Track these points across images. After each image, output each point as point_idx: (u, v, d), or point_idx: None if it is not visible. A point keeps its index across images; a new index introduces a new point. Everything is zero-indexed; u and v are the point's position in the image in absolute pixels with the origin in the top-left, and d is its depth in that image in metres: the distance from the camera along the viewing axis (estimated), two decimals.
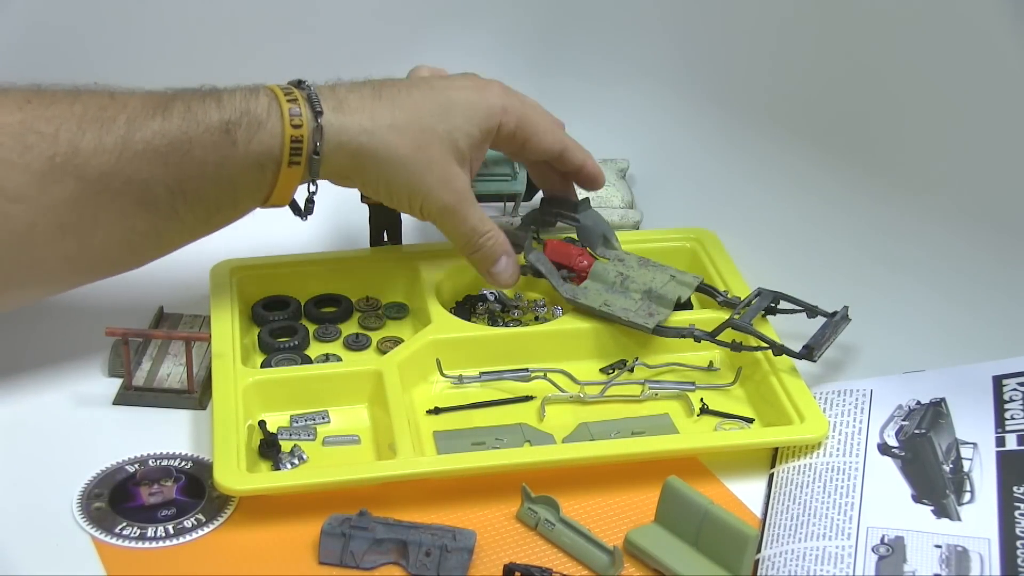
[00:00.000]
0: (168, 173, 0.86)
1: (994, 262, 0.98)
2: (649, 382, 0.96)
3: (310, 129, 0.88)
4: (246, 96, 0.88)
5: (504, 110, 0.94)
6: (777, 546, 0.82)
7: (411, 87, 0.93)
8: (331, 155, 0.89)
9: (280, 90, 0.89)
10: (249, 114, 0.87)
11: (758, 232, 1.11)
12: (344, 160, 0.90)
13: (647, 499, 0.85)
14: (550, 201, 1.06)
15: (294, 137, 0.87)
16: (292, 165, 0.88)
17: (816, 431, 0.89)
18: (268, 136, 0.87)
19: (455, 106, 0.92)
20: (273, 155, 0.88)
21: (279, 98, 0.88)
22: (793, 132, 1.13)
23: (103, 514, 0.84)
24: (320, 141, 0.88)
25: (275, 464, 0.88)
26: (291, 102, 0.88)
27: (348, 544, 0.80)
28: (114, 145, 0.84)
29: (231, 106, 0.87)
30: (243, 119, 0.87)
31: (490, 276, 0.98)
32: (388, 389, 0.91)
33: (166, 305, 1.02)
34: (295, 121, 0.87)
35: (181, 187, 0.87)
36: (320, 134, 0.88)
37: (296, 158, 0.88)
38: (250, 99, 0.88)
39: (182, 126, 0.86)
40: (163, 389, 0.94)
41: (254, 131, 0.87)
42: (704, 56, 1.21)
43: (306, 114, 0.88)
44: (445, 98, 0.92)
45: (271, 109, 0.88)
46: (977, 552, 0.78)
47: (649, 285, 1.00)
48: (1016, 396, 0.88)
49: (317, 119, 0.88)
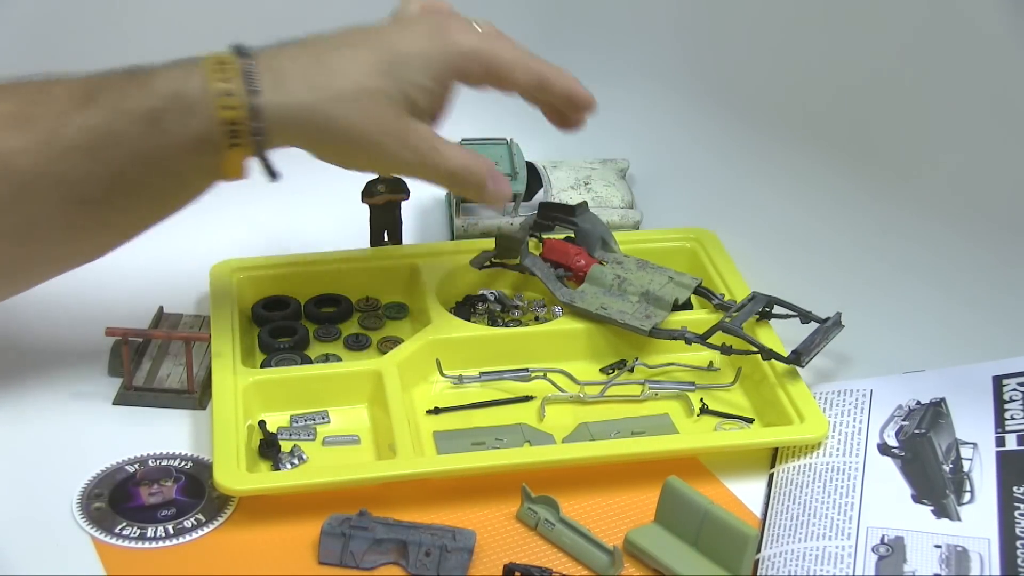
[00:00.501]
0: (100, 168, 0.81)
1: (994, 262, 0.98)
2: (649, 382, 0.96)
3: (247, 110, 0.82)
4: (177, 77, 0.82)
5: (463, 55, 0.87)
6: (777, 546, 0.82)
7: (356, 46, 0.86)
8: (275, 132, 0.83)
9: (213, 66, 0.83)
10: (179, 98, 0.81)
11: (758, 232, 1.11)
12: (291, 136, 0.85)
13: (647, 499, 0.85)
14: (548, 205, 1.06)
15: (229, 120, 0.82)
16: (233, 147, 0.83)
17: (816, 431, 0.89)
18: (201, 121, 0.81)
19: (406, 60, 0.85)
20: (211, 139, 0.82)
21: (209, 79, 0.82)
22: (793, 131, 1.13)
23: (103, 514, 0.84)
24: (259, 121, 0.82)
25: (275, 464, 0.88)
26: (223, 81, 0.82)
27: (348, 544, 0.80)
28: (39, 144, 0.80)
29: (160, 91, 0.81)
30: (173, 104, 0.81)
31: (484, 200, 0.92)
32: (388, 389, 0.91)
33: (166, 305, 1.02)
34: (228, 103, 0.81)
35: (117, 180, 0.82)
36: (258, 114, 0.82)
37: (236, 140, 0.82)
38: (180, 80, 0.81)
39: (107, 118, 0.80)
40: (163, 389, 0.94)
41: (186, 116, 0.81)
42: (704, 56, 1.21)
43: (240, 93, 0.82)
44: (394, 53, 0.85)
45: (203, 90, 0.81)
46: (977, 552, 0.78)
47: (647, 287, 1.00)
48: (1016, 396, 0.88)
49: (253, 98, 0.82)
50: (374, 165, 0.91)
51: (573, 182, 1.16)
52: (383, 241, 1.09)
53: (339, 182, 1.08)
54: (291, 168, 0.92)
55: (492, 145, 1.15)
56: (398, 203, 1.07)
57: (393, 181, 1.07)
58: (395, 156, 0.86)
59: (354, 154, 0.87)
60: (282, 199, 0.88)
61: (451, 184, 0.91)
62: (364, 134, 0.85)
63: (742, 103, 1.18)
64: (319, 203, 1.11)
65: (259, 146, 0.83)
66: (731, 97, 1.19)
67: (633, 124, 1.25)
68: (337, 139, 0.85)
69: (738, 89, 1.18)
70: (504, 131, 1.18)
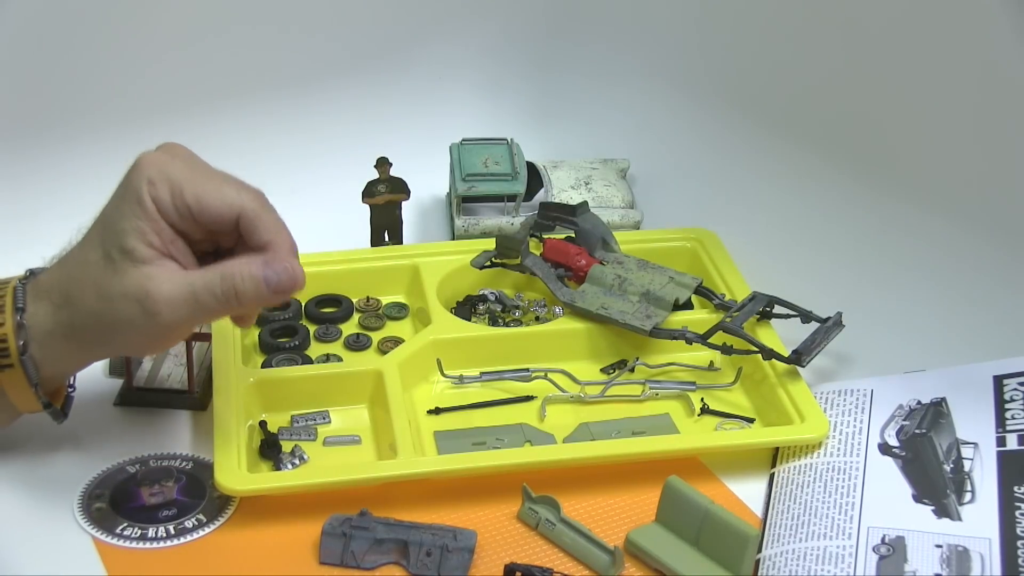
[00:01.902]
0: None
1: (995, 262, 0.98)
2: (649, 382, 0.96)
3: (12, 327, 0.79)
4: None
5: (150, 182, 0.78)
6: (778, 546, 0.82)
7: (85, 230, 0.81)
8: (42, 349, 0.80)
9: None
10: None
11: (758, 232, 1.11)
12: (61, 348, 0.81)
13: (647, 499, 0.85)
14: (548, 205, 1.06)
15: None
16: (4, 368, 0.80)
17: (817, 431, 0.89)
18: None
19: (109, 215, 0.79)
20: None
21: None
22: (794, 132, 1.13)
23: (104, 514, 0.84)
24: (24, 339, 0.79)
25: (276, 464, 0.88)
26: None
27: (349, 544, 0.80)
28: None
29: None
30: None
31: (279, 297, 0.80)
32: (389, 389, 0.91)
33: None
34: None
35: None
36: (22, 330, 0.79)
37: (5, 359, 0.79)
38: None
39: None
40: (164, 389, 0.94)
41: None
42: (705, 56, 1.21)
43: (8, 311, 0.79)
44: (103, 216, 0.80)
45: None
46: (978, 552, 0.78)
47: (647, 287, 1.00)
48: (1017, 396, 0.88)
49: (18, 316, 0.79)
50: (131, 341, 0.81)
51: (573, 182, 1.16)
52: (384, 241, 1.09)
53: (340, 182, 1.08)
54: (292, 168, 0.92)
55: (492, 145, 1.15)
56: (399, 203, 1.07)
57: (394, 181, 1.07)
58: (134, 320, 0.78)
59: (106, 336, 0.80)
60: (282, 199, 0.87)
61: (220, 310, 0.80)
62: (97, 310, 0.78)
63: (742, 103, 1.18)
64: (319, 203, 1.11)
65: (32, 366, 0.80)
66: (731, 97, 1.19)
67: (633, 124, 1.25)
68: (86, 330, 0.80)
69: (738, 89, 1.18)
70: (504, 131, 1.18)
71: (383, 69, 1.27)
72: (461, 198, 1.13)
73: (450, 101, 1.29)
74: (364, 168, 1.06)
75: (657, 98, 1.24)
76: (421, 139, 1.20)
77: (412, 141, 1.18)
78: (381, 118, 1.26)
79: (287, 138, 1.22)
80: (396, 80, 1.27)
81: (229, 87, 1.21)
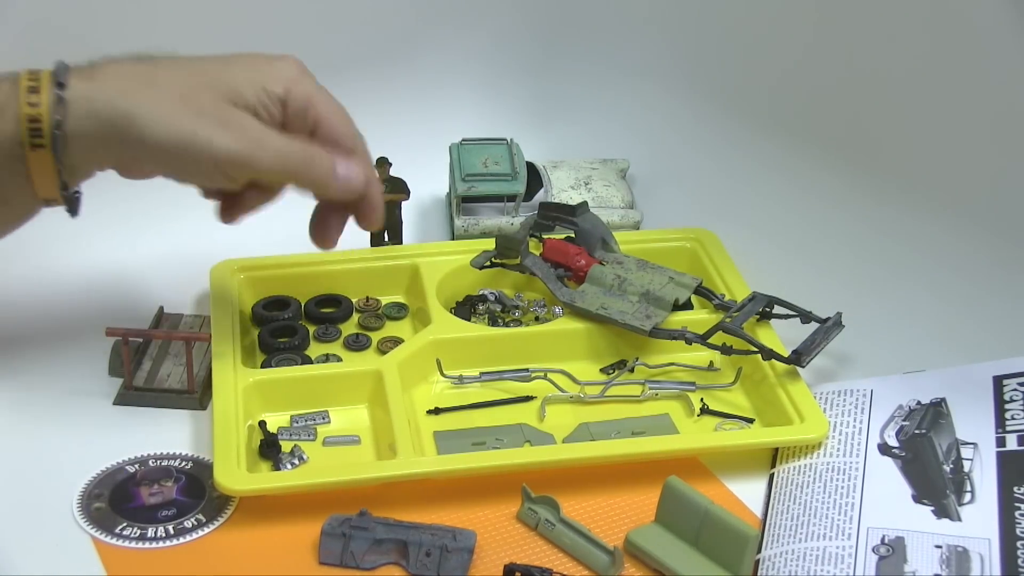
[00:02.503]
0: None
1: (995, 262, 0.98)
2: (649, 382, 0.96)
3: (50, 103, 0.78)
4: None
5: (293, 80, 0.84)
6: (777, 546, 0.82)
7: (182, 57, 0.83)
8: (80, 127, 0.78)
9: (26, 73, 0.79)
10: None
11: (758, 232, 1.11)
12: (99, 130, 0.79)
13: (647, 499, 0.85)
14: (548, 205, 1.06)
15: (31, 116, 0.78)
16: (35, 148, 0.78)
17: (816, 431, 0.89)
18: (7, 123, 0.78)
19: (233, 63, 0.83)
20: (17, 141, 0.78)
21: (20, 81, 0.79)
22: (793, 132, 1.13)
23: (103, 514, 0.84)
24: (63, 115, 0.78)
25: (275, 464, 0.88)
26: (32, 81, 0.79)
27: (348, 544, 0.80)
28: None
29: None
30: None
31: (341, 191, 0.86)
32: (388, 389, 0.91)
33: (166, 305, 1.02)
34: (31, 99, 0.78)
35: None
36: (63, 107, 0.78)
37: (37, 139, 0.78)
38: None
39: None
40: (163, 389, 0.94)
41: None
42: (704, 57, 1.21)
43: (47, 89, 0.78)
44: (223, 59, 0.83)
45: (11, 92, 0.79)
46: (977, 552, 0.78)
47: (647, 287, 1.00)
48: (1016, 396, 0.88)
49: (59, 90, 0.78)
50: (193, 157, 0.80)
51: (573, 182, 1.16)
52: (383, 241, 1.09)
53: None
54: None
55: (492, 145, 1.15)
56: (398, 203, 1.07)
57: (394, 181, 1.07)
58: (214, 140, 0.80)
59: (172, 146, 0.80)
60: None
61: (290, 171, 0.84)
62: (176, 116, 0.80)
63: (742, 103, 1.18)
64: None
65: (59, 143, 0.79)
66: (731, 97, 1.19)
67: (633, 124, 1.25)
68: (148, 127, 0.79)
69: (738, 90, 1.18)
70: (504, 131, 1.18)
71: (383, 69, 1.27)
72: (461, 198, 1.13)
73: (450, 101, 1.29)
74: None
75: (657, 98, 1.24)
76: (421, 139, 1.20)
77: (412, 141, 1.18)
78: (381, 118, 1.25)
79: None
80: (396, 80, 1.27)
81: None
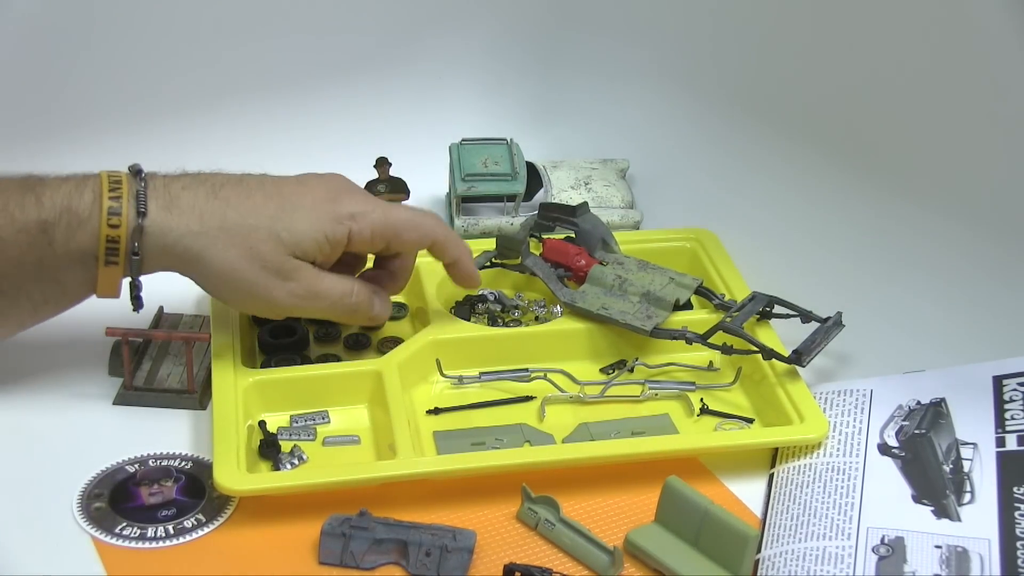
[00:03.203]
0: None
1: (995, 262, 0.98)
2: (649, 382, 0.96)
3: (129, 229, 0.84)
4: (71, 191, 0.84)
5: (353, 217, 0.89)
6: (777, 546, 0.82)
7: (254, 189, 0.88)
8: (155, 256, 0.86)
9: (108, 183, 0.85)
10: (70, 212, 0.83)
11: (758, 232, 1.11)
12: (172, 261, 0.86)
13: (647, 499, 0.85)
14: (548, 206, 1.06)
15: (110, 237, 0.84)
16: (109, 264, 0.85)
17: (816, 431, 0.89)
18: (87, 235, 0.84)
19: (297, 210, 0.88)
20: (93, 254, 0.85)
21: (102, 193, 0.84)
22: (793, 132, 1.13)
23: (103, 514, 0.84)
24: (139, 242, 0.84)
25: (275, 464, 0.88)
26: (114, 199, 0.84)
27: (348, 544, 0.80)
28: None
29: (52, 203, 0.83)
30: (63, 218, 0.83)
31: (372, 322, 0.94)
32: (388, 389, 0.91)
33: (166, 305, 1.02)
34: (112, 221, 0.84)
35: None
36: (141, 234, 0.84)
37: (113, 258, 0.84)
38: (74, 194, 0.84)
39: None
40: (163, 389, 0.94)
41: (74, 230, 0.84)
42: (705, 57, 1.21)
43: (127, 212, 0.84)
44: (288, 202, 0.88)
45: (93, 206, 0.84)
46: (977, 552, 0.78)
47: (648, 288, 1.00)
48: (1016, 396, 0.88)
49: (140, 219, 0.84)
50: (254, 301, 0.89)
51: (573, 182, 1.16)
52: None
53: None
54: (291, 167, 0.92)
55: (492, 145, 1.15)
56: (398, 203, 1.07)
57: (394, 181, 1.07)
58: (272, 291, 0.88)
59: (234, 287, 0.88)
60: None
61: (336, 313, 0.92)
62: (241, 266, 0.86)
63: (742, 103, 1.18)
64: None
65: (135, 267, 0.85)
66: (731, 97, 1.19)
67: (633, 124, 1.25)
68: (213, 269, 0.86)
69: (738, 89, 1.18)
70: (504, 131, 1.18)
71: (383, 69, 1.27)
72: (461, 198, 1.13)
73: (450, 101, 1.29)
74: (364, 168, 1.06)
75: (657, 98, 1.24)
76: (421, 139, 1.20)
77: (412, 141, 1.18)
78: (381, 118, 1.26)
79: (287, 138, 1.22)
80: (396, 80, 1.28)
81: (229, 87, 1.21)
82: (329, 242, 0.88)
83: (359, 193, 0.92)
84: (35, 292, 0.86)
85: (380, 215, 0.90)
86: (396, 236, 0.91)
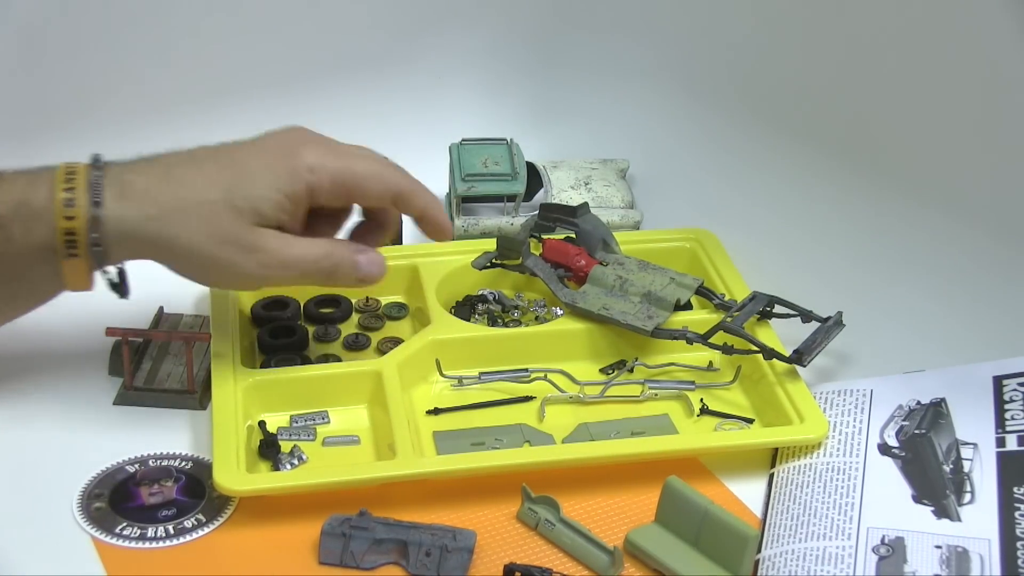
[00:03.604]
0: None
1: (995, 262, 0.98)
2: (649, 382, 0.96)
3: (86, 220, 0.82)
4: (26, 185, 0.83)
5: (311, 169, 0.86)
6: (777, 546, 0.82)
7: (203, 161, 0.86)
8: (118, 245, 0.83)
9: (63, 174, 0.83)
10: (26, 206, 0.82)
11: (758, 232, 1.11)
12: (137, 248, 0.84)
13: (647, 499, 0.85)
14: (549, 206, 1.06)
15: (67, 229, 0.82)
16: (70, 257, 0.83)
17: (816, 431, 0.89)
18: (44, 228, 0.82)
19: (251, 174, 0.85)
20: (53, 248, 0.83)
21: (56, 186, 0.82)
22: (793, 132, 1.13)
23: (103, 514, 0.84)
24: (99, 232, 0.82)
25: (275, 464, 0.88)
26: (68, 191, 0.82)
27: (348, 544, 0.80)
28: None
29: (8, 198, 0.82)
30: (19, 211, 0.82)
31: (362, 283, 0.90)
32: (388, 389, 0.91)
33: (166, 305, 1.02)
34: (68, 212, 0.82)
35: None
36: (99, 224, 0.82)
37: (72, 250, 0.82)
38: (29, 188, 0.82)
39: None
40: (163, 389, 0.94)
41: (31, 224, 0.82)
42: (704, 56, 1.21)
43: (82, 203, 0.82)
44: (240, 168, 0.85)
45: (48, 199, 0.82)
46: (977, 552, 0.78)
47: (648, 288, 1.00)
48: (1016, 396, 0.88)
49: (95, 208, 0.82)
50: (225, 277, 0.87)
51: (573, 182, 1.16)
52: None
53: None
54: None
55: (492, 145, 1.15)
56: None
57: None
58: (240, 265, 0.85)
59: (203, 267, 0.86)
60: None
61: (316, 279, 0.88)
62: (203, 245, 0.84)
63: (742, 103, 1.18)
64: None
65: (98, 258, 0.83)
66: (731, 97, 1.19)
67: (633, 124, 1.25)
68: (178, 251, 0.84)
69: (738, 89, 1.18)
70: (504, 131, 1.18)
71: (383, 69, 1.27)
72: (461, 198, 1.13)
73: (450, 101, 1.29)
74: None
75: (657, 98, 1.24)
76: (421, 139, 1.20)
77: (412, 141, 1.18)
78: (381, 118, 1.26)
79: None
80: (396, 80, 1.27)
81: (229, 87, 1.21)
82: (290, 199, 0.85)
83: (319, 144, 0.88)
84: (1, 290, 0.85)
85: (340, 165, 0.86)
86: (358, 186, 0.87)
